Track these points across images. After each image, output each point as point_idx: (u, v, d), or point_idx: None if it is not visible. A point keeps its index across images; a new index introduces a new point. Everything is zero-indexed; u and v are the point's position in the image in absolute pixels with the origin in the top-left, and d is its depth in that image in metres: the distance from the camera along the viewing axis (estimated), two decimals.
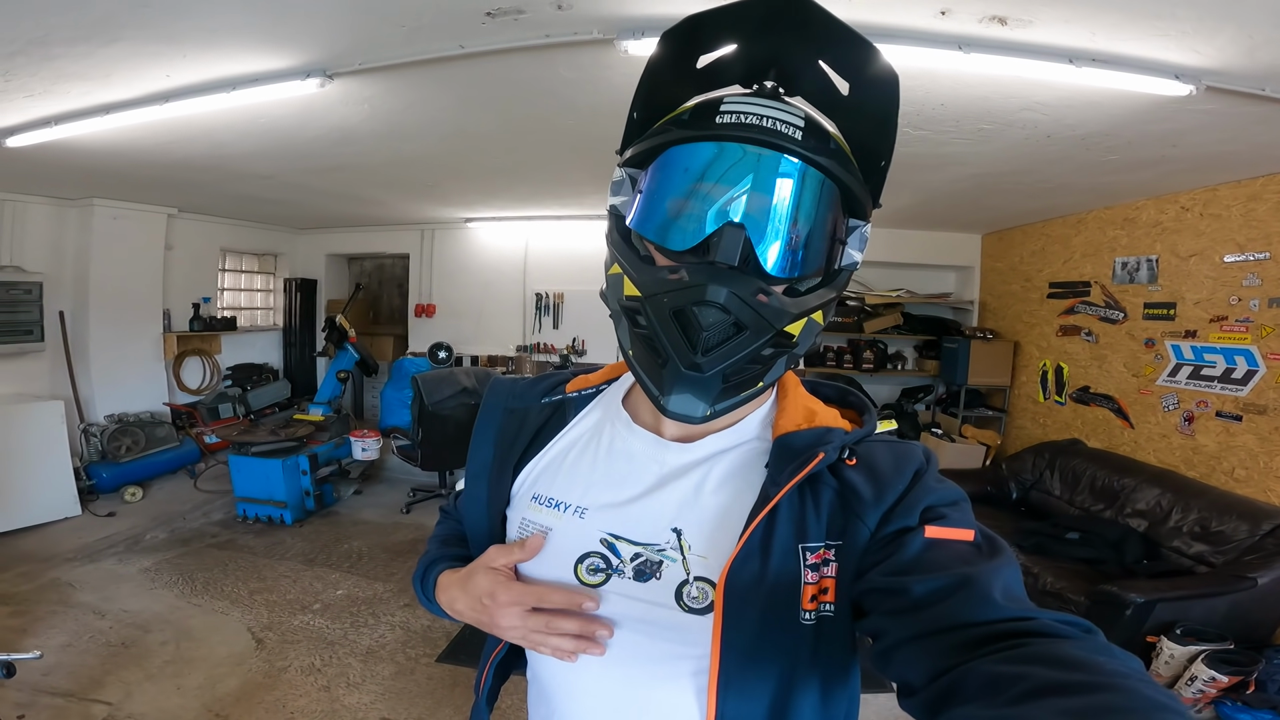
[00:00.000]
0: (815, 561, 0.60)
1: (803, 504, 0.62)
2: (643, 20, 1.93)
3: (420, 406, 4.90)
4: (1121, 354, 4.25)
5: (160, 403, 5.65)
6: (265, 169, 4.11)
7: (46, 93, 2.54)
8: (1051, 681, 0.40)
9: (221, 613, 3.37)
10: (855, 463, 0.63)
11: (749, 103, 0.59)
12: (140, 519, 4.51)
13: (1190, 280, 3.72)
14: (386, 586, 3.69)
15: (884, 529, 0.59)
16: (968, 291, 6.06)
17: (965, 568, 0.52)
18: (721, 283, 0.56)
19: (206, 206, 5.59)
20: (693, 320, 0.57)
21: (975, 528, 0.57)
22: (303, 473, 4.69)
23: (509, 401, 0.78)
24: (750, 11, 0.60)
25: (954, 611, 0.49)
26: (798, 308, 0.60)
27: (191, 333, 5.93)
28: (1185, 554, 3.17)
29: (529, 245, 6.56)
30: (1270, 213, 3.24)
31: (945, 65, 2.11)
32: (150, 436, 5.14)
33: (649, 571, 0.63)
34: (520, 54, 2.27)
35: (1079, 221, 4.65)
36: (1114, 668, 0.42)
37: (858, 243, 0.64)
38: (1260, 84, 2.10)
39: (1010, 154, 3.19)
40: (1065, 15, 1.78)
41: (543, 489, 0.71)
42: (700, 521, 0.64)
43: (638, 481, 0.68)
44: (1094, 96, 2.36)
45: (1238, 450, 3.37)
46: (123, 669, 2.84)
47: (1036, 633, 0.46)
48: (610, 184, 0.67)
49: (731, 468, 0.66)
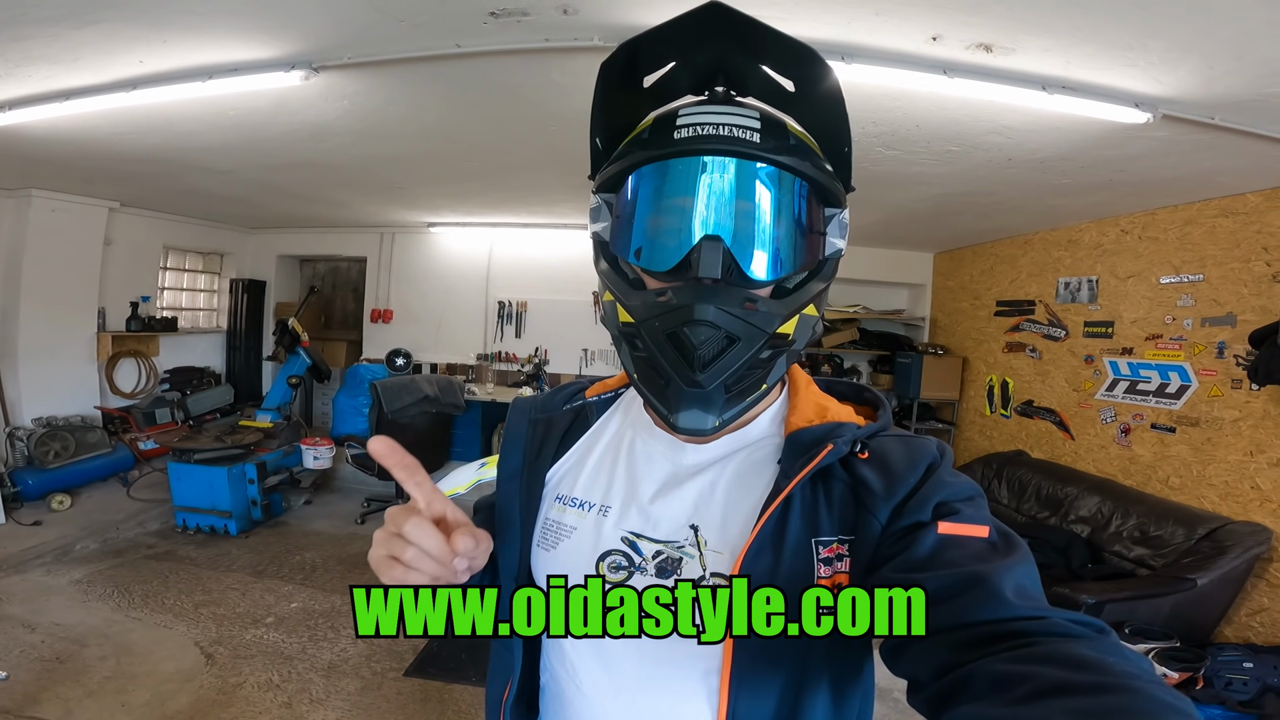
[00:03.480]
0: (828, 556, 0.60)
1: (815, 498, 0.63)
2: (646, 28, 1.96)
3: (379, 414, 4.78)
4: (1063, 370, 4.49)
5: (92, 406, 5.31)
6: (225, 164, 3.95)
7: (7, 76, 2.39)
8: (1060, 681, 0.40)
9: (165, 626, 3.19)
10: (868, 456, 0.63)
11: (704, 112, 0.60)
12: (69, 528, 4.21)
13: (1128, 300, 3.98)
14: (344, 599, 3.55)
15: (896, 523, 0.59)
16: (920, 308, 6.31)
17: (978, 565, 0.52)
18: (707, 300, 0.58)
19: (152, 201, 5.32)
20: (686, 340, 0.58)
21: (990, 524, 0.57)
22: (249, 481, 4.50)
23: (533, 414, 0.80)
24: (678, 31, 0.60)
25: (965, 609, 0.49)
26: (787, 307, 0.61)
27: (128, 333, 5.61)
28: (1127, 558, 3.37)
29: (493, 252, 6.49)
30: (1205, 236, 3.49)
31: (927, 88, 2.21)
32: (80, 441, 4.83)
33: (670, 569, 0.64)
34: (515, 56, 2.27)
35: (1026, 242, 4.92)
36: (1124, 668, 0.41)
37: (837, 230, 0.65)
38: (1211, 113, 2.26)
39: (972, 175, 3.36)
40: (1047, 44, 1.90)
41: (566, 490, 0.73)
42: (715, 518, 0.65)
43: (656, 481, 0.69)
44: (1058, 122, 2.50)
45: (1172, 460, 3.61)
46: (60, 685, 2.66)
47: (1047, 632, 0.46)
48: (589, 211, 0.68)
49: (745, 465, 0.68)
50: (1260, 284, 3.16)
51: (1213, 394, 3.38)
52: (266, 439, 4.92)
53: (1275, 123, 2.32)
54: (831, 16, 1.86)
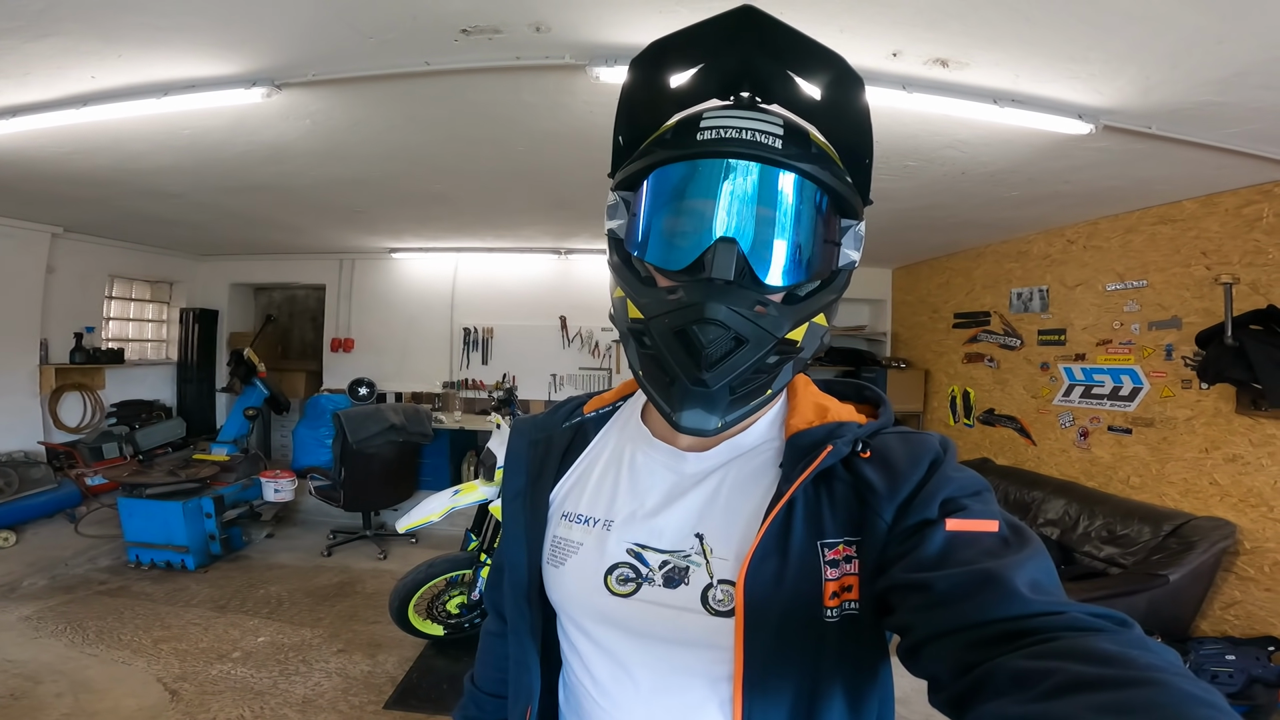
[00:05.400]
0: (835, 558, 0.60)
1: (819, 500, 0.62)
2: (617, 48, 1.98)
3: (343, 444, 4.65)
4: (1021, 378, 4.63)
5: (35, 441, 5.07)
6: (176, 186, 3.84)
7: None
8: (1082, 676, 0.39)
9: (123, 663, 3.04)
10: (870, 455, 0.63)
11: (728, 116, 0.61)
12: (14, 565, 4.03)
13: (1077, 308, 4.13)
14: (315, 632, 3.42)
15: (902, 522, 0.58)
16: (881, 323, 6.45)
17: (990, 561, 0.51)
18: (718, 299, 0.58)
19: (97, 226, 5.14)
20: (694, 338, 0.58)
21: (1000, 517, 0.56)
22: (206, 515, 4.33)
23: (532, 434, 0.80)
24: (709, 32, 0.61)
25: (980, 607, 0.48)
26: (797, 315, 0.61)
27: (72, 365, 5.38)
28: (1097, 557, 3.45)
29: (458, 277, 6.43)
30: (1145, 243, 3.66)
31: (887, 103, 2.27)
32: (24, 478, 4.63)
33: (678, 578, 0.64)
34: (485, 74, 2.27)
35: (979, 255, 5.08)
36: (1148, 660, 0.40)
37: (852, 242, 0.65)
38: (1148, 122, 2.37)
39: (928, 189, 3.47)
40: (998, 58, 1.99)
41: (571, 506, 0.73)
42: (719, 525, 0.65)
43: (659, 492, 0.69)
44: (1007, 135, 2.60)
45: (1130, 460, 3.73)
46: None
47: (1068, 626, 0.46)
48: (605, 209, 0.68)
49: (747, 470, 0.68)
50: (1202, 287, 3.32)
51: (1164, 395, 3.52)
52: (223, 472, 4.76)
53: (1207, 131, 2.45)
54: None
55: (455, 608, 3.23)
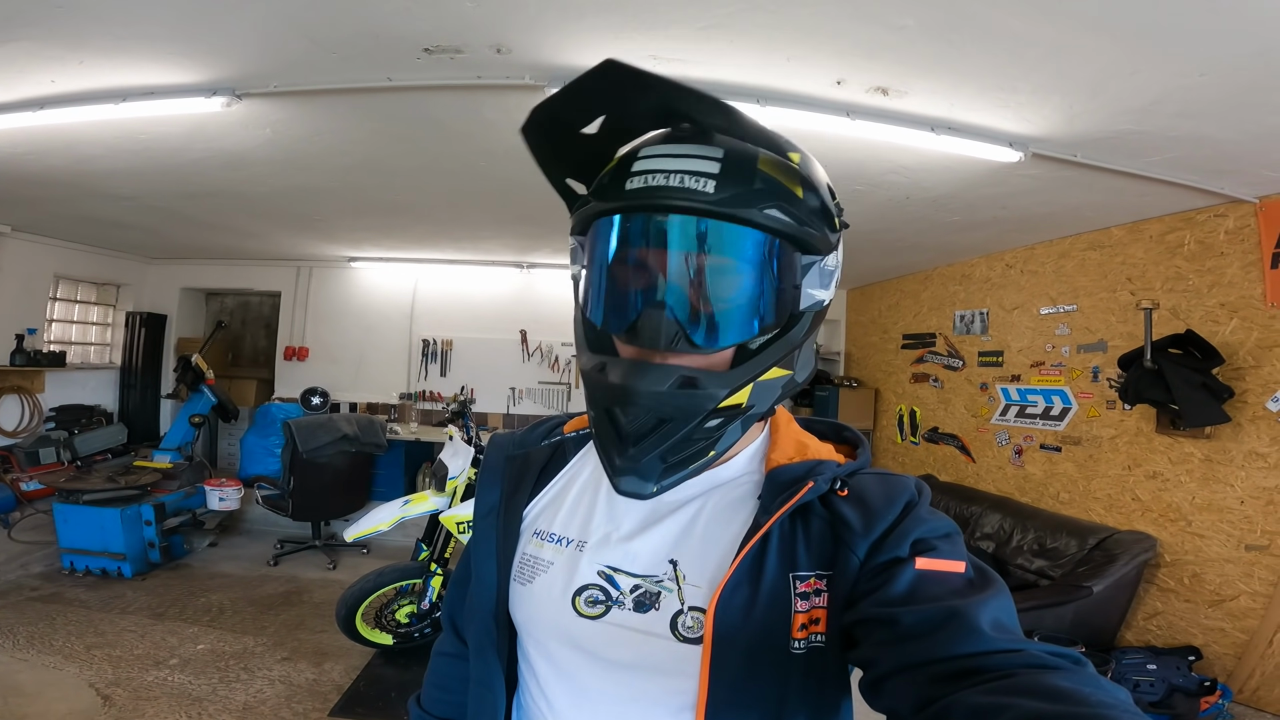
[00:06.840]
0: (806, 590, 0.60)
1: (794, 534, 0.63)
2: (577, 70, 2.03)
3: (293, 454, 4.59)
4: (962, 397, 4.83)
5: None
6: (129, 189, 3.78)
7: None
8: (1037, 712, 0.41)
9: (54, 668, 2.98)
10: (847, 494, 0.64)
11: (661, 155, 0.57)
12: None
13: (1014, 330, 4.34)
14: (259, 640, 3.36)
15: (874, 559, 0.59)
16: (835, 343, 6.64)
17: (955, 600, 0.53)
18: (636, 380, 0.57)
19: (43, 226, 4.99)
20: (617, 418, 0.59)
21: (967, 559, 0.58)
22: (146, 523, 4.24)
23: (510, 450, 0.80)
24: (586, 90, 0.55)
25: (942, 643, 0.50)
26: (743, 376, 0.59)
27: (11, 367, 5.16)
28: (1029, 570, 3.61)
29: (418, 289, 6.41)
30: (1076, 269, 3.87)
31: (832, 130, 2.39)
32: None
33: (648, 603, 0.64)
34: (447, 92, 2.32)
35: (926, 278, 5.30)
36: (1099, 699, 0.42)
37: (817, 280, 0.61)
38: (1074, 150, 2.52)
39: (876, 213, 3.63)
40: (934, 87, 2.11)
41: (544, 524, 0.73)
42: (695, 552, 0.65)
43: (635, 517, 0.69)
44: (947, 161, 2.74)
45: (1060, 477, 3.93)
46: None
47: (1024, 664, 0.47)
48: (570, 250, 0.67)
49: (725, 501, 0.68)
50: (1126, 312, 3.52)
51: (1091, 415, 3.73)
52: (165, 480, 4.66)
53: (1129, 159, 2.58)
54: (745, 59, 2.01)
55: (405, 617, 3.21)
